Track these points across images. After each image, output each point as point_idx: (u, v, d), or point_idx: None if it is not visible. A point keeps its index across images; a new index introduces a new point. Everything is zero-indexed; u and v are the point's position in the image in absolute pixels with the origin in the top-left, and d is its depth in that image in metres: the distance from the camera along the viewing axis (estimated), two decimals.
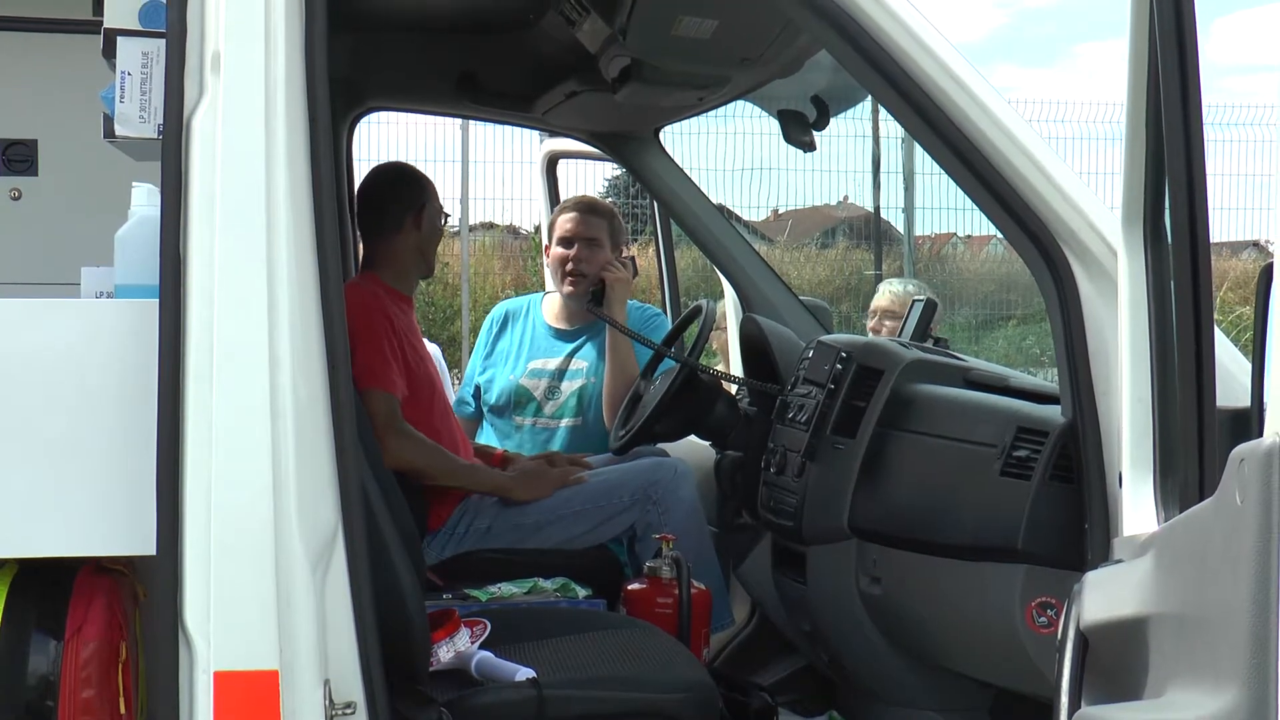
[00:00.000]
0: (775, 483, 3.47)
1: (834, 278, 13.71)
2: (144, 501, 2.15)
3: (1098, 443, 2.53)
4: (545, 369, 4.46)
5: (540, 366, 4.47)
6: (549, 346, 4.48)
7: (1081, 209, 2.53)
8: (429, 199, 3.97)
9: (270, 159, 2.23)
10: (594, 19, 3.44)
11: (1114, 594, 1.94)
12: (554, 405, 4.44)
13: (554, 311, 4.55)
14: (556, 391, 4.43)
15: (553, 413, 4.43)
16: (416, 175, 4.10)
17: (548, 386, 4.44)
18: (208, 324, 2.18)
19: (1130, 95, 2.08)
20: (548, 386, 4.44)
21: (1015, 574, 2.79)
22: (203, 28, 2.23)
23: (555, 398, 4.43)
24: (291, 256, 2.23)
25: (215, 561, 2.16)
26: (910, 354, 3.30)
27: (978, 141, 2.52)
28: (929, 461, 3.05)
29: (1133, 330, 2.13)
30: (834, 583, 3.25)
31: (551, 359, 4.46)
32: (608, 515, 3.89)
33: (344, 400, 2.29)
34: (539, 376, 4.46)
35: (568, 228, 4.44)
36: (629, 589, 3.65)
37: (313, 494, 2.23)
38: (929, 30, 2.52)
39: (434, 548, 3.83)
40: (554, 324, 4.53)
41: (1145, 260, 2.11)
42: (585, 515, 3.88)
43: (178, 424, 2.16)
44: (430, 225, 3.95)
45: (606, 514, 3.89)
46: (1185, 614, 1.69)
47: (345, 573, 2.26)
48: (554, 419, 4.43)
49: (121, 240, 2.32)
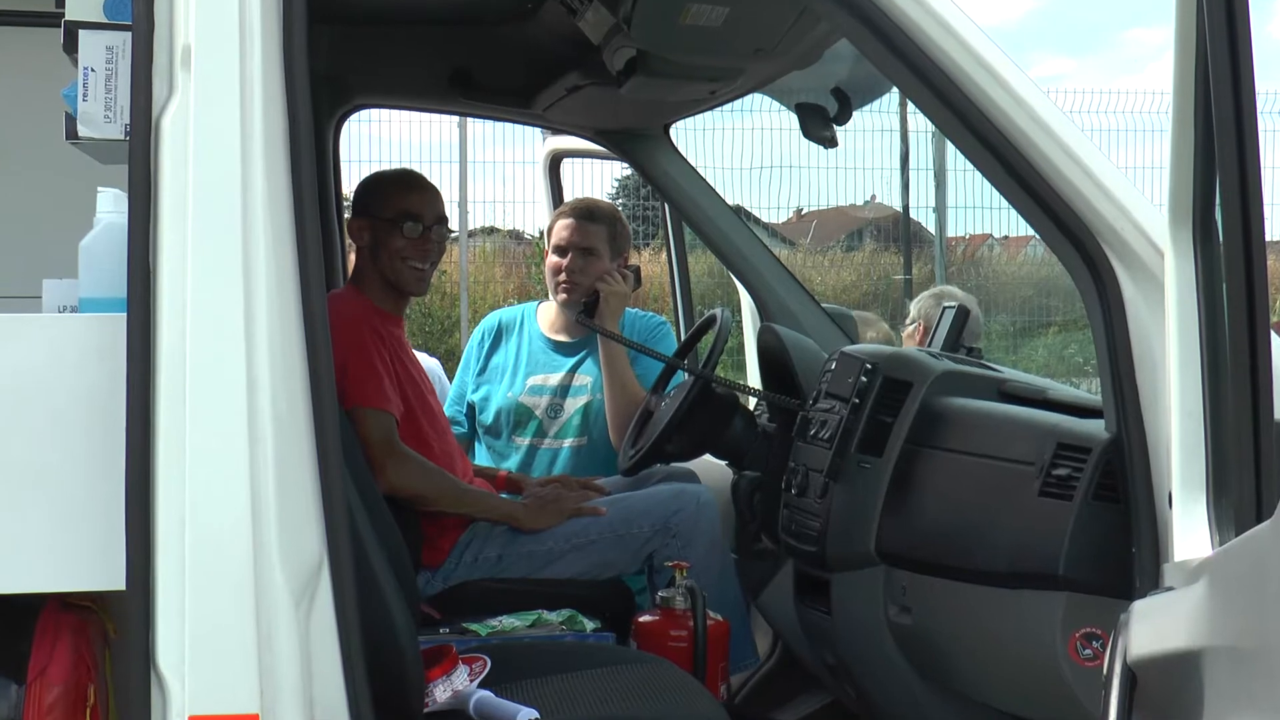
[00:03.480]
0: (796, 505, 3.45)
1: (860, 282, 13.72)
2: (112, 532, 2.14)
3: (1145, 459, 2.51)
4: (547, 385, 4.45)
5: (541, 383, 4.45)
6: (548, 361, 4.47)
7: (1124, 206, 2.51)
8: (396, 212, 3.85)
9: (247, 162, 2.22)
10: (597, 7, 3.44)
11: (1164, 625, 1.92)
12: (557, 424, 4.42)
13: (551, 322, 4.54)
14: (559, 409, 4.42)
15: (556, 432, 4.42)
16: (386, 184, 4.03)
17: (550, 404, 4.42)
18: (180, 340, 2.17)
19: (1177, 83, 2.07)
20: (550, 404, 4.42)
21: (1056, 602, 2.76)
22: (171, 20, 2.22)
23: (558, 416, 4.42)
24: (270, 267, 2.22)
25: (190, 596, 2.15)
26: (941, 365, 3.29)
27: (1011, 135, 2.51)
28: (962, 481, 3.03)
29: (1181, 337, 2.11)
30: (861, 612, 3.23)
31: (553, 374, 4.45)
32: (626, 546, 3.88)
33: (328, 421, 2.28)
34: (540, 393, 4.44)
35: (563, 235, 4.43)
36: (640, 621, 3.64)
37: (295, 522, 2.21)
38: (956, 15, 2.50)
39: (438, 579, 3.82)
40: (553, 336, 4.52)
41: (1194, 261, 2.10)
42: (602, 545, 3.87)
43: (148, 448, 2.14)
44: (406, 241, 3.83)
45: (624, 544, 3.87)
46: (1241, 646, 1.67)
47: (331, 607, 2.24)
48: (557, 439, 4.41)
49: (86, 250, 2.31)
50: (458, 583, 3.84)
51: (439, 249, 3.93)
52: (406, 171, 4.25)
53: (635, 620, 3.66)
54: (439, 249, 3.93)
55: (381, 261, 3.85)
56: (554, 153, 5.28)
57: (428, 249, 3.87)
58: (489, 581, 3.84)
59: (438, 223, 3.90)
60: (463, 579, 3.84)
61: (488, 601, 3.76)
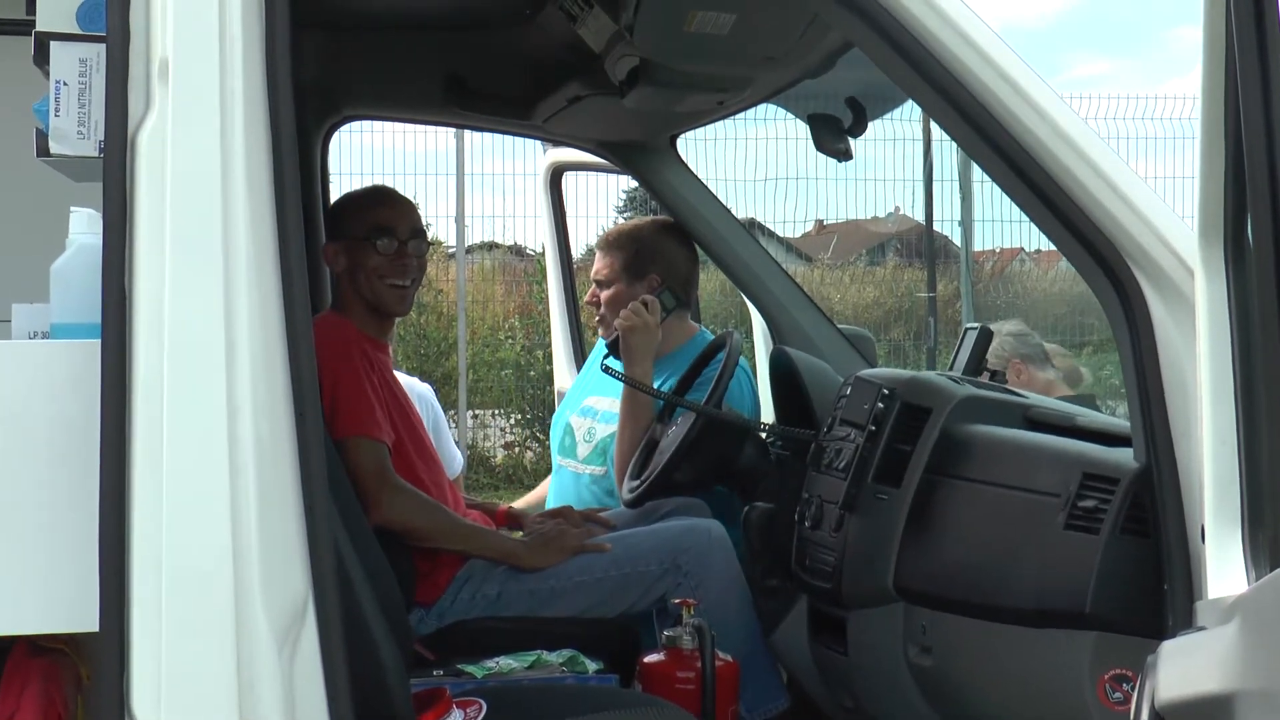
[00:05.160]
0: (811, 538, 3.46)
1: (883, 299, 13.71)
2: (85, 571, 2.14)
3: (1176, 491, 2.51)
4: (594, 408, 4.50)
5: (592, 404, 4.52)
6: (605, 383, 4.49)
7: (1152, 222, 2.52)
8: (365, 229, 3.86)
9: (228, 179, 2.23)
10: (598, 14, 3.45)
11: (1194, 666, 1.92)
12: (587, 449, 4.46)
13: None
14: (593, 434, 4.46)
15: (584, 457, 4.45)
16: (357, 202, 4.03)
17: (589, 427, 4.48)
18: (157, 368, 2.17)
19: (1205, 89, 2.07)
20: (589, 427, 4.48)
21: (1084, 642, 2.77)
22: (148, 31, 2.22)
23: (590, 440, 4.46)
24: (253, 290, 2.23)
25: (167, 638, 2.14)
26: (962, 390, 3.29)
27: (1033, 148, 2.51)
28: (984, 513, 3.03)
29: (1213, 360, 2.11)
30: (879, 652, 3.23)
31: (604, 398, 4.48)
32: (634, 585, 3.87)
33: (314, 451, 2.28)
34: (587, 415, 4.52)
35: (593, 267, 4.58)
36: (645, 662, 3.63)
37: (279, 558, 2.21)
38: (974, 22, 2.51)
39: (432, 617, 3.82)
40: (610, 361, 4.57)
41: (1226, 280, 2.10)
42: (607, 583, 3.86)
43: (123, 482, 2.15)
44: (378, 261, 3.84)
45: (632, 582, 3.87)
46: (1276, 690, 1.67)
47: (317, 649, 2.24)
48: (584, 464, 4.45)
49: (58, 273, 2.31)
50: (453, 621, 3.84)
51: (419, 264, 3.92)
52: (376, 187, 4.25)
53: (640, 661, 3.66)
54: (419, 264, 3.92)
55: (360, 283, 3.86)
56: (555, 166, 5.30)
57: (406, 264, 3.87)
58: (486, 620, 3.83)
59: (414, 237, 3.90)
60: (458, 617, 3.84)
61: (484, 641, 3.75)
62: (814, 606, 3.56)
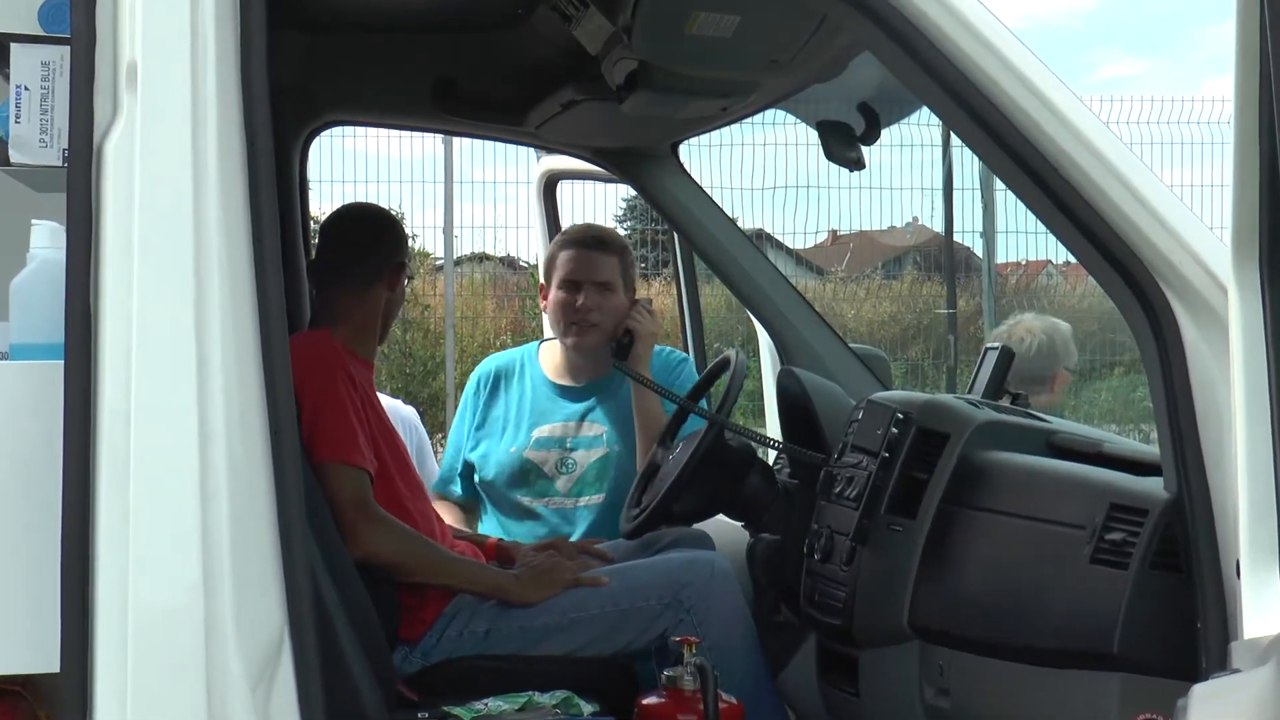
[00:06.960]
0: (820, 572, 3.46)
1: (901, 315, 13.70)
2: (45, 608, 2.14)
3: (1209, 523, 2.51)
4: (554, 437, 4.46)
5: (548, 434, 4.46)
6: (555, 408, 4.48)
7: (1182, 236, 2.51)
8: (408, 257, 4.03)
9: (199, 190, 2.24)
10: (594, 15, 3.46)
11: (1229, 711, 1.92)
12: (568, 480, 4.43)
13: (555, 365, 4.54)
14: (570, 464, 4.43)
15: (568, 490, 4.43)
16: (397, 225, 4.16)
17: (559, 458, 4.44)
18: (124, 390, 2.18)
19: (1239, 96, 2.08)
20: (559, 458, 4.44)
21: (1111, 684, 2.76)
22: (115, 32, 2.24)
23: (569, 471, 4.43)
24: (226, 307, 2.24)
25: (133, 679, 2.15)
26: (981, 414, 3.29)
27: (1055, 158, 2.51)
28: (1005, 546, 3.03)
29: (1248, 385, 2.12)
30: (893, 693, 3.23)
31: (560, 424, 4.46)
32: (632, 621, 3.85)
33: (290, 477, 2.28)
34: (547, 447, 4.45)
35: (571, 268, 4.44)
36: (644, 704, 3.62)
37: (253, 593, 2.22)
38: (992, 24, 2.52)
39: (417, 655, 3.81)
40: (558, 380, 4.53)
41: (1262, 298, 2.10)
42: (604, 619, 3.85)
43: (86, 512, 2.15)
44: (402, 288, 4.01)
45: (630, 619, 3.85)
46: None
47: (293, 690, 2.25)
48: (570, 497, 4.42)
49: (18, 290, 2.32)
50: (440, 660, 3.83)
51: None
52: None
53: (639, 703, 3.66)
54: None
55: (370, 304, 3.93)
56: (549, 174, 5.31)
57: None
58: (475, 659, 3.82)
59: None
60: (445, 655, 3.83)
61: (473, 681, 3.74)
62: (823, 645, 3.56)
